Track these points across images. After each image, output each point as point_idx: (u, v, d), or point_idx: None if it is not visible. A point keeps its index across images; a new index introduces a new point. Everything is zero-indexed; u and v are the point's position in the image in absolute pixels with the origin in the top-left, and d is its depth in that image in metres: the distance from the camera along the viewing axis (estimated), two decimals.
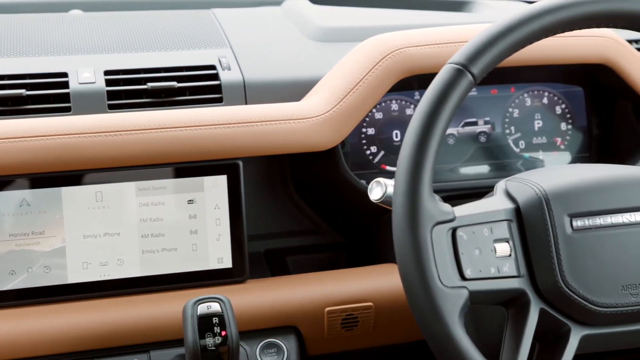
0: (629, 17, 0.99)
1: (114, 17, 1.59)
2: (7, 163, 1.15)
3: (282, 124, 1.25)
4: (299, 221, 1.41)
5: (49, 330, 1.16)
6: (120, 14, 1.62)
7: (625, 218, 1.00)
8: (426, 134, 0.95)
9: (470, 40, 0.98)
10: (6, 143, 1.15)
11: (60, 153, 1.16)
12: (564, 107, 1.46)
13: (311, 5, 1.68)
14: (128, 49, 1.43)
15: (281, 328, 1.25)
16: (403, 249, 0.95)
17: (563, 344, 0.98)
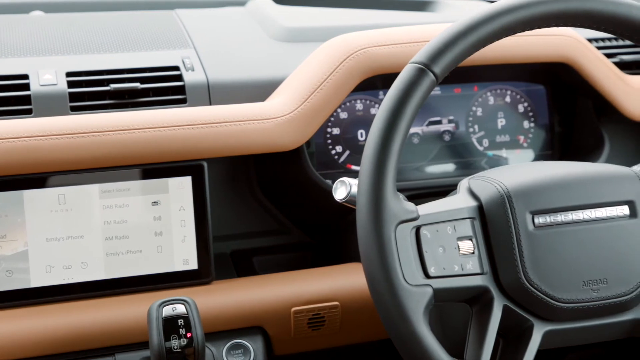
0: (586, 16, 1.01)
1: (76, 18, 1.58)
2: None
3: (247, 125, 1.24)
4: (265, 221, 1.40)
5: (12, 335, 1.15)
6: (82, 15, 1.61)
7: (586, 214, 1.01)
8: (389, 133, 0.95)
9: (432, 39, 0.98)
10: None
11: (22, 156, 1.15)
12: (527, 106, 1.47)
13: (275, 5, 1.68)
14: (90, 51, 1.42)
15: (247, 329, 1.25)
16: (367, 248, 0.95)
17: (526, 339, 0.99)
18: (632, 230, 1.01)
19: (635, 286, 1.01)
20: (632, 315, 1.02)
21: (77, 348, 1.17)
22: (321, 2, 1.74)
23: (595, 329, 1.02)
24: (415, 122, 1.42)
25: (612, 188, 1.02)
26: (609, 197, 1.02)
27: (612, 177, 1.03)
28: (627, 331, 1.04)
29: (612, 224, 1.01)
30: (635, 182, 1.03)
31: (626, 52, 1.55)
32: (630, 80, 1.44)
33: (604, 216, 1.01)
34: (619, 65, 1.51)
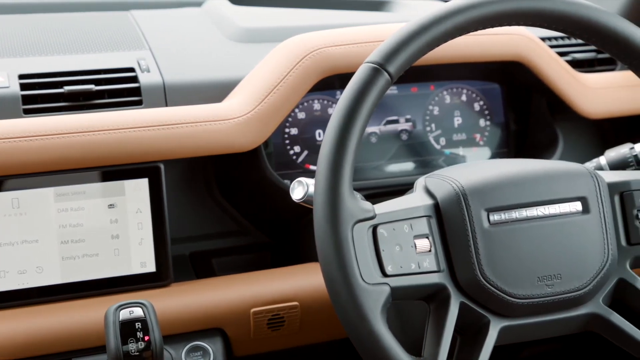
0: (538, 15, 1.02)
1: (29, 19, 1.56)
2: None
3: (204, 126, 1.24)
4: (223, 222, 1.40)
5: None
6: (35, 16, 1.59)
7: (540, 211, 1.02)
8: (345, 133, 0.96)
9: (386, 39, 0.99)
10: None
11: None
12: (482, 104, 1.49)
13: (231, 5, 1.67)
14: (43, 52, 1.40)
15: (207, 330, 1.24)
16: (324, 248, 0.95)
17: (483, 335, 1.00)
18: (585, 226, 1.03)
19: (588, 281, 1.02)
20: (586, 310, 1.04)
21: (34, 354, 1.16)
22: (278, 2, 1.74)
23: (551, 324, 1.03)
24: (372, 122, 1.43)
25: (565, 185, 1.04)
26: (562, 194, 1.03)
27: (565, 174, 1.05)
28: (582, 325, 1.05)
29: (566, 220, 1.03)
30: (588, 178, 1.05)
31: (579, 51, 1.57)
32: (582, 79, 1.46)
33: (557, 212, 1.03)
34: (572, 63, 1.53)
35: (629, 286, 1.05)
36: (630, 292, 1.05)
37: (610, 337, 1.05)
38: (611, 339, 1.05)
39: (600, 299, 1.04)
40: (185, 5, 1.71)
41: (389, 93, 1.44)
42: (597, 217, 1.03)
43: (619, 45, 1.05)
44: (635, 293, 1.05)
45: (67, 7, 1.68)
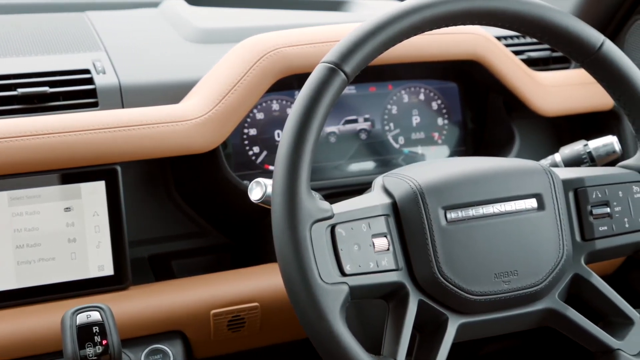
0: (491, 15, 1.03)
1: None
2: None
3: (161, 127, 1.23)
4: (183, 224, 1.39)
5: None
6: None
7: (496, 208, 1.03)
8: (301, 133, 0.96)
9: (342, 39, 0.99)
10: None
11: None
12: (440, 103, 1.50)
13: (188, 6, 1.66)
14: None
15: (166, 333, 1.24)
16: (283, 248, 0.95)
17: (441, 333, 1.01)
18: (540, 222, 1.04)
19: (544, 277, 1.03)
20: (543, 305, 1.05)
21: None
22: (235, 2, 1.74)
23: (508, 320, 1.04)
24: (331, 121, 1.43)
25: (520, 182, 1.05)
26: (517, 191, 1.04)
27: (520, 172, 1.06)
28: (538, 321, 1.07)
29: (521, 216, 1.04)
30: (542, 175, 1.06)
31: (534, 49, 1.59)
32: (537, 77, 1.48)
33: (513, 209, 1.04)
34: (527, 62, 1.55)
35: (584, 281, 1.06)
36: (585, 287, 1.07)
37: (566, 331, 1.06)
38: (567, 334, 1.06)
39: (556, 295, 1.05)
40: (141, 6, 1.69)
41: (347, 93, 1.44)
42: (552, 214, 1.05)
43: (571, 44, 1.06)
44: (590, 288, 1.07)
45: (21, 8, 1.66)
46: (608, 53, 1.06)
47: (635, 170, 1.10)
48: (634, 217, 1.08)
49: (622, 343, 1.05)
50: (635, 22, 1.59)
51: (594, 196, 1.08)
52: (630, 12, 1.60)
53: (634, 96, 1.07)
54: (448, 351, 1.00)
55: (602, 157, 1.24)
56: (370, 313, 1.30)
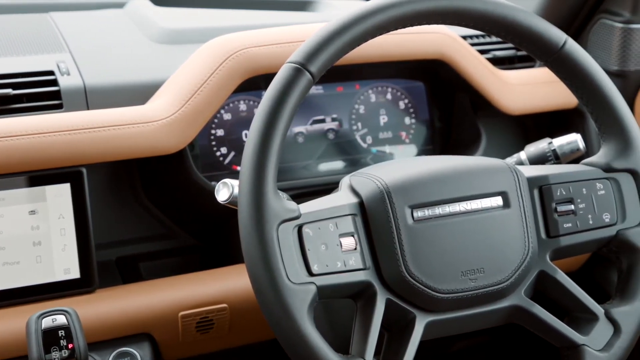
0: (456, 14, 1.04)
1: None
2: None
3: (127, 129, 1.22)
4: (150, 226, 1.38)
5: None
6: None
7: (462, 207, 1.04)
8: (267, 133, 0.96)
9: (307, 39, 0.99)
10: None
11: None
12: (407, 102, 1.51)
13: (154, 7, 1.65)
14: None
15: (134, 336, 1.23)
16: (250, 249, 0.95)
17: (409, 331, 1.01)
18: (506, 220, 1.05)
19: (510, 274, 1.04)
20: (509, 302, 1.06)
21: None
22: (201, 3, 1.73)
23: (475, 317, 1.05)
24: (299, 121, 1.43)
25: (486, 180, 1.05)
26: (483, 189, 1.05)
27: (486, 170, 1.06)
28: (505, 318, 1.07)
29: (487, 214, 1.04)
30: (508, 173, 1.07)
31: (499, 48, 1.60)
32: (503, 76, 1.49)
33: (479, 208, 1.04)
34: (493, 61, 1.56)
35: (550, 278, 1.07)
36: (551, 284, 1.08)
37: (532, 328, 1.07)
38: (533, 330, 1.07)
39: (522, 292, 1.06)
40: (106, 6, 1.68)
41: (315, 93, 1.44)
42: (517, 211, 1.05)
43: (534, 43, 1.07)
44: (555, 284, 1.08)
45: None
46: (570, 52, 1.07)
47: (599, 168, 1.11)
48: (597, 213, 1.10)
49: (587, 338, 1.06)
50: (598, 21, 1.62)
51: (558, 193, 1.09)
52: (593, 12, 1.62)
53: (596, 94, 1.09)
54: (416, 349, 1.01)
55: (566, 155, 1.25)
56: (339, 313, 1.30)
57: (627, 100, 1.21)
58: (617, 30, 1.58)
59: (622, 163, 1.10)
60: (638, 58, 1.59)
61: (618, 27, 1.57)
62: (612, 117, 1.09)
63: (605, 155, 1.11)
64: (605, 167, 1.11)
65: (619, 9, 1.58)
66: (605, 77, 1.09)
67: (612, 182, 1.11)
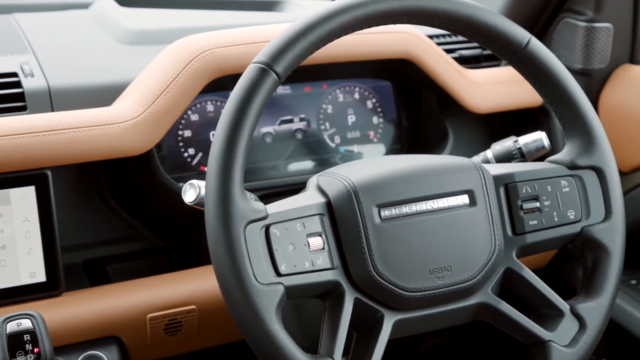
0: (421, 14, 1.04)
1: None
2: None
3: (92, 130, 1.21)
4: (118, 228, 1.37)
5: None
6: None
7: (429, 205, 1.04)
8: (233, 134, 0.95)
9: (273, 39, 0.99)
10: None
11: None
12: (375, 102, 1.51)
13: (119, 7, 1.64)
14: None
15: (102, 339, 1.22)
16: (217, 250, 0.95)
17: (377, 330, 1.01)
18: (472, 218, 1.05)
19: (477, 271, 1.05)
20: (476, 300, 1.06)
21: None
22: (167, 3, 1.72)
23: (443, 315, 1.05)
24: (267, 122, 1.43)
25: (452, 179, 1.06)
26: (449, 188, 1.05)
27: (452, 168, 1.07)
28: (473, 315, 1.08)
29: (454, 213, 1.05)
30: (474, 172, 1.07)
31: (465, 48, 1.61)
32: (469, 75, 1.50)
33: (445, 206, 1.05)
34: (459, 60, 1.57)
35: (516, 275, 1.08)
36: (517, 281, 1.08)
37: (499, 324, 1.08)
38: (500, 327, 1.08)
39: (489, 289, 1.07)
40: (71, 7, 1.66)
41: (282, 93, 1.44)
42: (483, 209, 1.06)
43: (499, 42, 1.08)
44: (521, 281, 1.08)
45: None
46: (534, 51, 1.08)
47: (563, 165, 1.12)
48: (562, 210, 1.11)
49: (553, 334, 1.07)
50: (562, 20, 1.63)
51: (524, 191, 1.10)
52: (557, 11, 1.63)
53: (559, 92, 1.10)
54: (384, 348, 1.01)
55: (531, 153, 1.26)
56: (308, 313, 1.30)
57: (591, 98, 1.23)
58: (581, 29, 1.59)
59: (585, 160, 1.11)
60: (601, 56, 1.61)
61: (581, 26, 1.59)
62: (575, 115, 1.10)
63: (569, 153, 1.12)
64: (570, 164, 1.12)
65: (582, 8, 1.59)
66: (569, 76, 1.10)
67: (576, 179, 1.12)
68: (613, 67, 1.63)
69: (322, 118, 1.47)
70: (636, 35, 1.62)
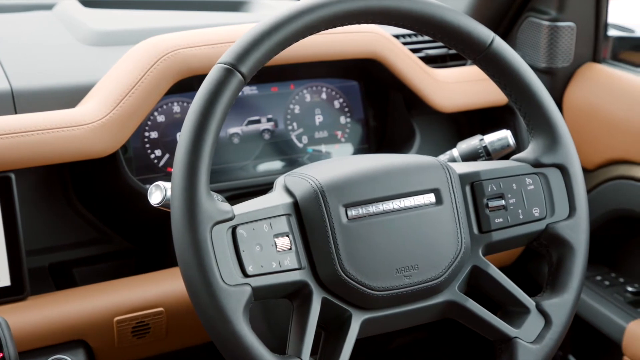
0: (386, 14, 1.04)
1: None
2: None
3: (56, 132, 1.20)
4: (84, 231, 1.36)
5: None
6: None
7: (395, 204, 1.04)
8: (199, 135, 0.95)
9: (238, 40, 0.99)
10: None
11: None
12: (342, 102, 1.51)
13: (84, 8, 1.63)
14: None
15: (68, 343, 1.21)
16: (183, 251, 0.94)
17: (345, 329, 1.01)
18: (439, 216, 1.06)
19: (444, 270, 1.05)
20: (443, 298, 1.07)
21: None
22: (132, 4, 1.71)
23: (411, 314, 1.06)
24: (234, 122, 1.43)
25: (418, 177, 1.06)
26: (416, 186, 1.06)
27: (419, 167, 1.07)
28: (440, 313, 1.08)
29: (420, 211, 1.05)
30: (440, 170, 1.08)
31: (431, 47, 1.62)
32: (435, 74, 1.51)
33: (412, 205, 1.05)
34: (425, 59, 1.58)
35: (482, 272, 1.09)
36: (484, 278, 1.09)
37: (466, 322, 1.08)
38: (467, 324, 1.09)
39: (456, 287, 1.07)
40: (34, 8, 1.65)
41: (249, 93, 1.44)
42: (449, 208, 1.07)
43: (463, 41, 1.08)
44: (488, 279, 1.09)
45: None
46: (498, 50, 1.09)
47: (528, 163, 1.13)
48: (527, 208, 1.11)
49: (519, 331, 1.07)
50: (526, 19, 1.65)
51: (489, 189, 1.10)
52: (521, 10, 1.65)
53: (523, 91, 1.10)
54: (352, 347, 1.01)
55: (497, 151, 1.27)
56: (276, 313, 1.30)
57: (555, 97, 1.24)
58: (545, 28, 1.61)
59: (550, 158, 1.12)
60: (565, 55, 1.62)
61: (545, 25, 1.61)
62: (539, 113, 1.11)
63: (533, 151, 1.13)
64: (534, 162, 1.13)
65: (546, 7, 1.61)
66: (532, 74, 1.11)
67: (540, 177, 1.12)
68: (576, 66, 1.65)
69: (289, 118, 1.47)
70: (598, 34, 1.64)
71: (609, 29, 1.67)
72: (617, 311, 1.59)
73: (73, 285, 1.32)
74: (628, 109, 1.54)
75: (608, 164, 1.60)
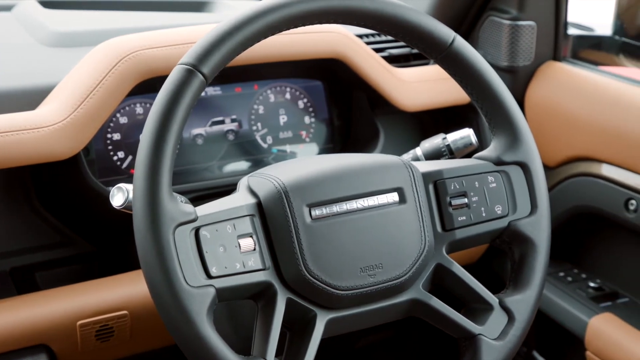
0: (347, 14, 1.04)
1: None
2: None
3: (16, 135, 1.19)
4: (46, 234, 1.35)
5: None
6: None
7: (359, 204, 1.04)
8: (160, 136, 0.94)
9: (199, 40, 0.98)
10: None
11: None
12: (306, 101, 1.51)
13: (44, 9, 1.61)
14: None
15: (30, 348, 1.20)
16: (146, 253, 0.93)
17: (310, 329, 1.01)
18: (402, 215, 1.06)
19: (408, 268, 1.05)
20: (408, 296, 1.07)
21: None
22: (93, 5, 1.69)
23: (375, 313, 1.06)
24: (198, 123, 1.42)
25: (381, 177, 1.07)
26: (379, 186, 1.06)
27: (382, 167, 1.07)
28: (405, 311, 1.08)
29: (384, 210, 1.05)
30: (403, 169, 1.08)
31: (394, 47, 1.63)
32: (398, 73, 1.51)
33: (375, 204, 1.05)
34: (389, 59, 1.58)
35: (446, 270, 1.09)
36: (448, 276, 1.09)
37: (431, 320, 1.09)
38: (431, 322, 1.09)
39: (420, 285, 1.08)
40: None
41: (213, 94, 1.43)
42: (413, 207, 1.07)
43: (424, 41, 1.09)
44: (451, 276, 1.09)
45: None
46: (458, 49, 1.09)
47: (490, 161, 1.14)
48: (490, 206, 1.12)
49: (482, 328, 1.08)
50: (487, 18, 1.66)
51: (452, 187, 1.11)
52: (482, 10, 1.66)
53: (484, 90, 1.11)
54: (317, 347, 1.01)
55: (460, 150, 1.27)
56: (241, 314, 1.29)
57: (517, 95, 1.25)
58: (506, 27, 1.62)
59: (511, 156, 1.13)
60: (526, 54, 1.64)
61: (506, 24, 1.62)
62: (500, 112, 1.12)
63: (495, 149, 1.14)
64: (496, 160, 1.14)
65: (507, 7, 1.63)
66: (493, 73, 1.12)
67: (502, 174, 1.13)
68: (537, 64, 1.66)
69: (253, 119, 1.46)
70: (559, 32, 1.66)
71: (569, 28, 1.69)
72: (580, 307, 1.61)
73: (35, 289, 1.31)
74: (588, 106, 1.56)
75: (569, 162, 1.62)
